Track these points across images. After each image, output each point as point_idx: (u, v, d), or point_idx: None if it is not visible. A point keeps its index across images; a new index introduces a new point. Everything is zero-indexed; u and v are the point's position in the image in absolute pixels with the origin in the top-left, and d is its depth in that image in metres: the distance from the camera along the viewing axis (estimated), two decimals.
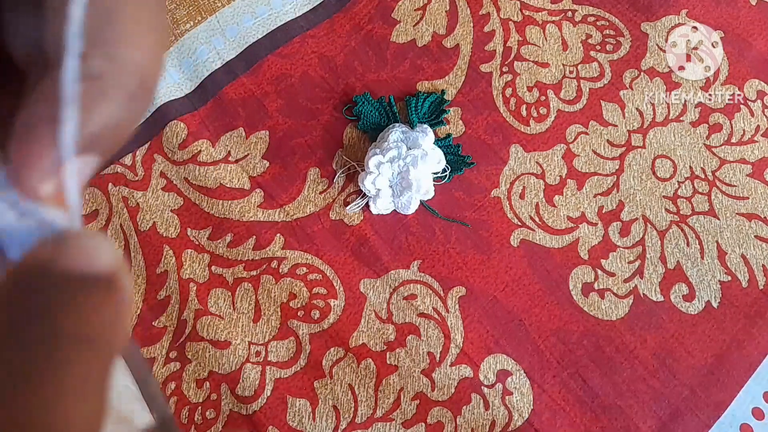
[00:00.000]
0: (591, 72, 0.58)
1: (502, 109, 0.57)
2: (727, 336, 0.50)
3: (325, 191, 0.54)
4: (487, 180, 0.55)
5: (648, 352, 0.50)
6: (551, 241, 0.53)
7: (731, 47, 0.59)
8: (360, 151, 0.55)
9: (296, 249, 0.52)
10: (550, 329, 0.50)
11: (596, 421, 0.48)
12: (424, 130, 0.53)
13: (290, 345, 0.50)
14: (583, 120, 0.57)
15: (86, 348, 0.10)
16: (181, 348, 0.50)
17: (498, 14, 0.60)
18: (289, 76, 0.58)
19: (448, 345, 0.50)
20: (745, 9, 0.61)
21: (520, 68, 0.58)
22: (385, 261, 0.52)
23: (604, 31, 0.60)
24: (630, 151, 0.56)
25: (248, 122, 0.56)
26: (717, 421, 0.48)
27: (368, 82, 0.58)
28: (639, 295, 0.51)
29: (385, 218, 0.53)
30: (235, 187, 0.54)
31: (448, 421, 0.48)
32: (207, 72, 0.57)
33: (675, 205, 0.54)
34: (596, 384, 0.49)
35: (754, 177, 0.55)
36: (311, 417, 0.48)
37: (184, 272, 0.52)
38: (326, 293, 0.51)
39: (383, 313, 0.51)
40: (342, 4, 0.60)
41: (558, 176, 0.55)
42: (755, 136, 0.56)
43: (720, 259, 0.52)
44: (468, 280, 0.52)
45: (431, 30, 0.60)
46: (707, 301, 0.51)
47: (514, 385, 0.49)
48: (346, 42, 0.59)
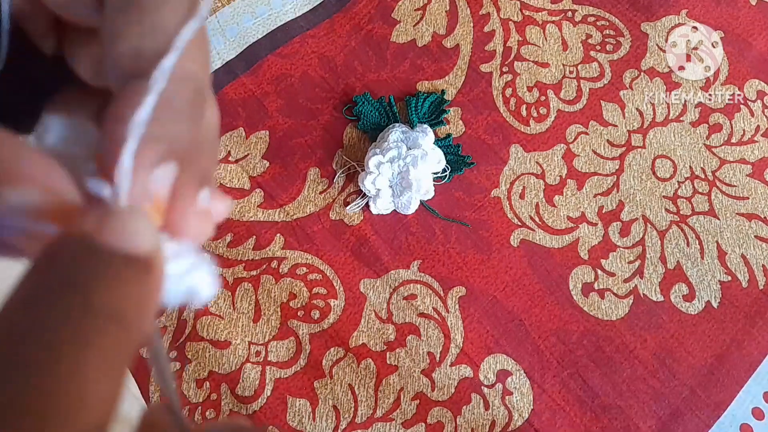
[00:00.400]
0: (591, 72, 0.58)
1: (502, 109, 0.57)
2: (727, 336, 0.50)
3: (325, 191, 0.54)
4: (487, 180, 0.55)
5: (648, 352, 0.50)
6: (551, 241, 0.53)
7: (731, 47, 0.59)
8: (360, 151, 0.55)
9: (296, 249, 0.52)
10: (550, 329, 0.50)
11: (596, 421, 0.48)
12: (424, 130, 0.53)
13: (290, 345, 0.50)
14: (583, 120, 0.57)
15: (114, 325, 0.10)
16: (181, 348, 0.50)
17: (498, 14, 0.60)
18: (289, 76, 0.58)
19: (448, 345, 0.50)
20: (745, 9, 0.61)
21: (520, 68, 0.58)
22: (385, 261, 0.52)
23: (604, 31, 0.60)
24: (630, 151, 0.56)
25: (248, 122, 0.56)
26: (717, 421, 0.48)
27: (368, 82, 0.58)
28: (639, 295, 0.51)
29: (385, 218, 0.53)
30: (235, 187, 0.54)
31: (448, 421, 0.48)
32: None
33: (675, 205, 0.54)
34: (596, 384, 0.49)
35: (754, 177, 0.55)
36: (311, 417, 0.48)
37: None
38: (326, 293, 0.51)
39: (383, 313, 0.51)
40: (342, 4, 0.60)
41: (558, 176, 0.55)
42: (755, 136, 0.56)
43: (720, 259, 0.52)
44: (468, 280, 0.52)
45: (431, 30, 0.60)
46: (707, 301, 0.51)
47: (514, 385, 0.49)
48: (346, 42, 0.59)
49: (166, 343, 0.50)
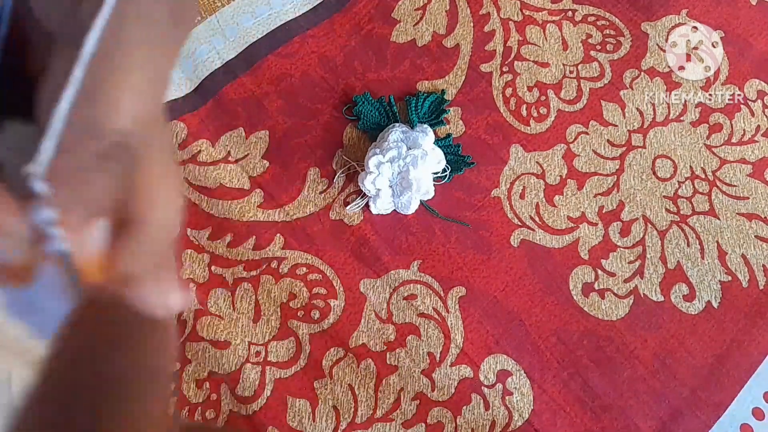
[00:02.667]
0: (591, 72, 0.58)
1: (502, 108, 0.57)
2: (728, 336, 0.50)
3: (325, 191, 0.54)
4: (487, 180, 0.55)
5: (648, 353, 0.50)
6: (551, 241, 0.53)
7: (731, 47, 0.59)
8: (360, 151, 0.55)
9: (296, 249, 0.52)
10: (550, 329, 0.50)
11: (596, 421, 0.48)
12: (424, 130, 0.53)
13: (290, 345, 0.50)
14: (583, 120, 0.57)
15: (159, 380, 0.11)
16: (180, 348, 0.50)
17: (498, 14, 0.60)
18: (289, 76, 0.58)
19: (448, 345, 0.50)
20: (745, 9, 0.61)
21: (520, 68, 0.58)
22: (385, 261, 0.52)
23: (604, 30, 0.60)
24: (630, 151, 0.56)
25: (248, 122, 0.56)
26: (717, 421, 0.48)
27: (368, 82, 0.58)
28: (639, 295, 0.51)
29: (385, 218, 0.53)
30: (235, 187, 0.54)
31: (448, 421, 0.48)
32: (207, 72, 0.57)
33: (675, 205, 0.54)
34: (596, 384, 0.49)
35: (755, 177, 0.55)
36: (311, 417, 0.48)
37: (183, 272, 0.52)
38: (326, 293, 0.51)
39: (383, 313, 0.51)
40: (342, 4, 0.60)
41: (558, 176, 0.55)
42: (755, 136, 0.56)
43: (720, 259, 0.52)
44: (468, 280, 0.51)
45: (431, 30, 0.60)
46: (707, 301, 0.51)
47: (514, 385, 0.49)
48: (346, 42, 0.59)
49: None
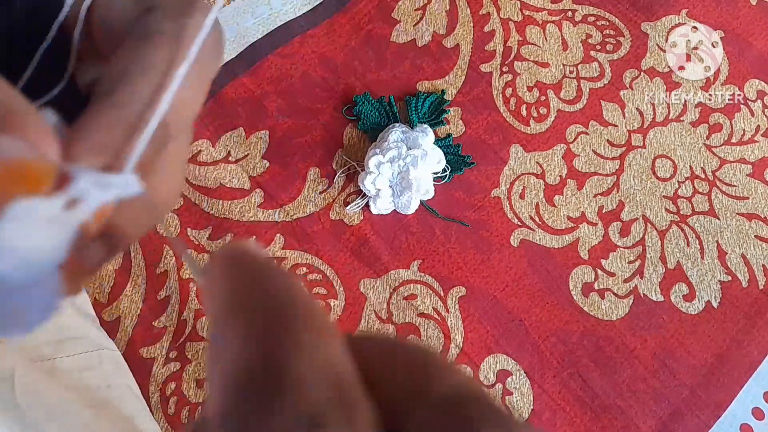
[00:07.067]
0: (591, 72, 0.58)
1: (502, 109, 0.57)
2: (727, 336, 0.50)
3: (325, 191, 0.54)
4: (487, 180, 0.55)
5: (648, 352, 0.50)
6: (551, 241, 0.53)
7: (731, 47, 0.59)
8: (360, 151, 0.55)
9: (296, 249, 0.52)
10: (550, 329, 0.50)
11: (596, 421, 0.48)
12: (424, 130, 0.53)
13: None
14: (583, 120, 0.57)
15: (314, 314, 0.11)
16: (181, 348, 0.50)
17: (498, 14, 0.60)
18: (289, 76, 0.58)
19: (448, 345, 0.50)
20: (745, 9, 0.61)
21: (520, 68, 0.58)
22: (385, 261, 0.52)
23: (604, 31, 0.60)
24: (630, 151, 0.56)
25: (248, 122, 0.56)
26: (717, 421, 0.48)
27: (368, 82, 0.58)
28: (639, 295, 0.51)
29: (385, 218, 0.53)
30: (235, 187, 0.54)
31: None
32: None
33: (675, 205, 0.54)
34: (596, 384, 0.49)
35: (754, 177, 0.55)
36: None
37: (184, 272, 0.52)
38: (326, 293, 0.51)
39: (383, 313, 0.51)
40: (342, 4, 0.60)
41: (558, 176, 0.55)
42: (755, 136, 0.56)
43: (720, 259, 0.52)
44: (468, 280, 0.52)
45: (431, 30, 0.60)
46: (707, 301, 0.51)
47: (514, 385, 0.49)
48: (346, 42, 0.59)
49: (166, 343, 0.50)
